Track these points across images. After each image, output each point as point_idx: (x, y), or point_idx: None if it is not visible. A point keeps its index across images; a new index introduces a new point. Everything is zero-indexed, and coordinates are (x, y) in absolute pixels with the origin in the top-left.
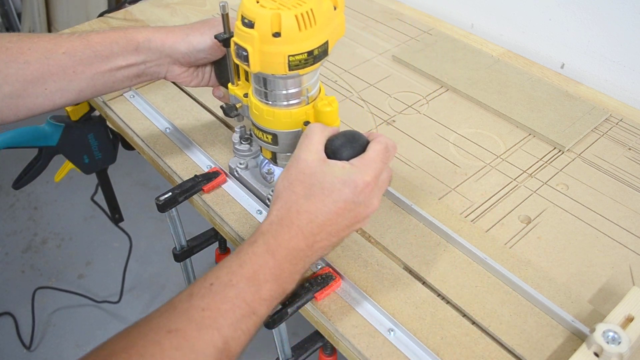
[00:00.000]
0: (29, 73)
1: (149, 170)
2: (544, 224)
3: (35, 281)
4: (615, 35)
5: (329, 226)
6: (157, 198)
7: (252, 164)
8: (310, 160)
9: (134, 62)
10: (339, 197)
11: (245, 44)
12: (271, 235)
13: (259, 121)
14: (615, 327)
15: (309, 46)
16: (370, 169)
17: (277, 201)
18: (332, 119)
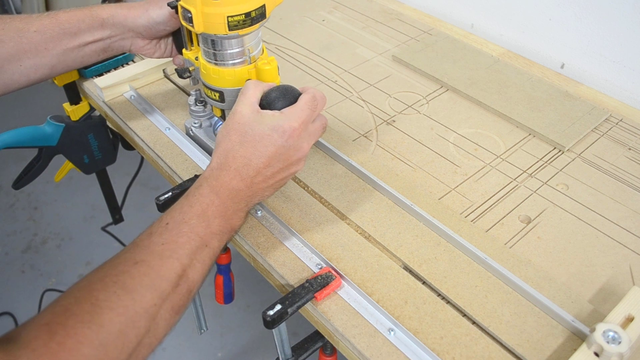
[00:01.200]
0: (4, 51)
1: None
2: (544, 224)
3: (35, 281)
4: (615, 35)
5: (264, 169)
6: (157, 198)
7: (205, 124)
8: (244, 112)
9: (100, 38)
10: (269, 142)
11: (189, 6)
12: (213, 179)
13: (207, 80)
14: (616, 326)
15: (247, 8)
16: (298, 115)
17: (216, 149)
18: (272, 76)
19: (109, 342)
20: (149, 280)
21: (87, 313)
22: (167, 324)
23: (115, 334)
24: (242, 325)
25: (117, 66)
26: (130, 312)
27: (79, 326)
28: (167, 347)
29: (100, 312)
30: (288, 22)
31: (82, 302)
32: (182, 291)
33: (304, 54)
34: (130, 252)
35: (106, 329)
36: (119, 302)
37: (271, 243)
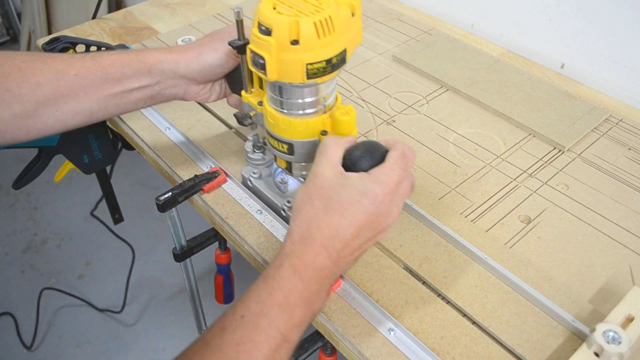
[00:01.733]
0: (40, 94)
1: (149, 170)
2: (544, 224)
3: (35, 281)
4: (615, 35)
5: (352, 240)
6: (157, 198)
7: (265, 172)
8: (327, 175)
9: (146, 84)
10: (358, 209)
11: (262, 52)
12: (295, 256)
13: (274, 130)
14: (616, 327)
15: (328, 54)
16: (389, 177)
17: (297, 217)
18: (349, 128)
19: None
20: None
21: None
22: None
23: None
24: None
25: None
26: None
27: None
28: (167, 347)
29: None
30: None
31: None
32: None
33: None
34: (199, 354)
35: None
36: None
37: (271, 243)
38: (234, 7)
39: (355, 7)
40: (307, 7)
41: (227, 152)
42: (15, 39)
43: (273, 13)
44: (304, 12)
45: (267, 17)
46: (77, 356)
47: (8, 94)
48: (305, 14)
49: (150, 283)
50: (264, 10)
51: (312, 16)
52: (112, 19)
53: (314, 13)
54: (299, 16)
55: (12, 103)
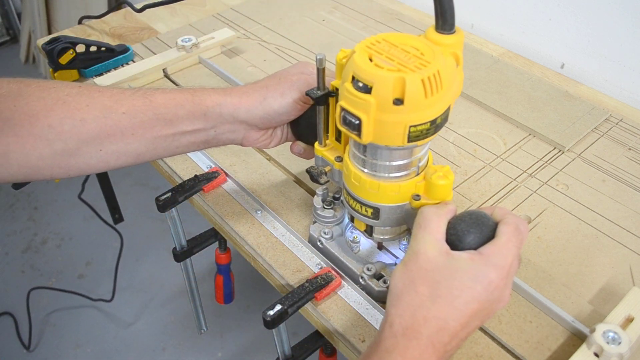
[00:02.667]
0: (84, 132)
1: (149, 170)
2: (544, 224)
3: (35, 281)
4: (615, 35)
5: (461, 332)
6: (157, 198)
7: (336, 232)
8: (431, 254)
9: (201, 128)
10: (471, 297)
11: (358, 112)
12: (398, 354)
13: (359, 193)
14: (616, 327)
15: (433, 114)
16: (504, 259)
17: (397, 303)
18: (445, 193)
19: None
20: None
21: None
22: None
23: None
24: (242, 325)
25: (117, 66)
26: None
27: None
28: (167, 347)
29: None
30: (288, 22)
31: None
32: None
33: (304, 54)
34: None
35: None
36: None
37: (271, 243)
38: (234, 7)
39: (459, 56)
40: (410, 59)
41: (228, 152)
42: (15, 39)
43: (373, 67)
44: (407, 66)
45: (366, 71)
46: (77, 356)
47: (49, 130)
48: (409, 69)
49: (150, 283)
50: (361, 64)
51: (418, 72)
52: (112, 19)
53: (420, 68)
54: (403, 71)
55: (54, 140)
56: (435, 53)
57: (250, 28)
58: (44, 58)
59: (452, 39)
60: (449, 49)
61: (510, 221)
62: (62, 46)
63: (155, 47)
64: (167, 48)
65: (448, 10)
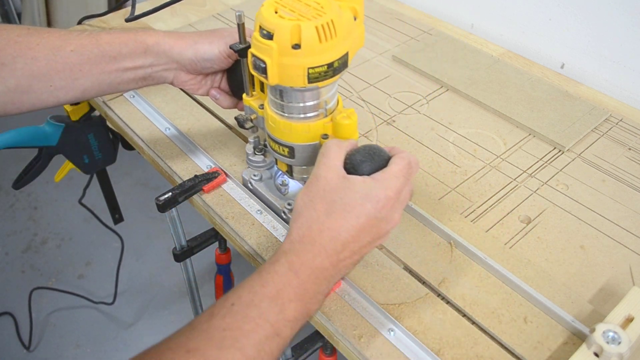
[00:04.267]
0: (35, 69)
1: (149, 170)
2: (544, 224)
3: (35, 281)
4: (615, 35)
5: (352, 243)
6: (157, 198)
7: (266, 175)
8: (329, 178)
9: (141, 65)
10: (361, 213)
11: (263, 56)
12: (294, 254)
13: (275, 134)
14: (615, 327)
15: (329, 58)
16: (392, 183)
17: (297, 219)
18: (350, 131)
19: None
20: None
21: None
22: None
23: None
24: None
25: None
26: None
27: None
28: None
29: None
30: None
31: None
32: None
33: None
34: (185, 335)
35: None
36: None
37: (271, 243)
38: (234, 7)
39: (357, 10)
40: (309, 11)
41: (228, 152)
42: None
43: (275, 17)
44: (305, 16)
45: (268, 21)
46: (77, 356)
47: (2, 68)
48: (307, 18)
49: (150, 283)
50: (265, 14)
51: (314, 20)
52: (112, 19)
53: (316, 17)
54: (301, 20)
55: (7, 77)
56: (332, 6)
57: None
58: None
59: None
60: (348, 4)
61: (404, 156)
62: None
63: None
64: None
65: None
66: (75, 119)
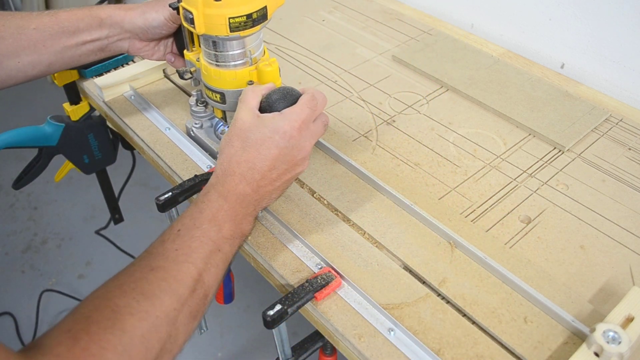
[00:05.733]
0: (3, 47)
1: (149, 170)
2: (544, 224)
3: (35, 281)
4: (615, 35)
5: (268, 172)
6: (157, 198)
7: (207, 124)
8: (245, 118)
9: (97, 37)
10: (271, 144)
11: (190, 7)
12: (220, 185)
13: (208, 81)
14: (616, 327)
15: (248, 9)
16: (297, 115)
17: (220, 156)
18: (273, 77)
19: (132, 347)
20: (167, 285)
21: (108, 319)
22: (186, 329)
23: (138, 339)
24: (242, 325)
25: (117, 66)
26: (151, 317)
27: (101, 332)
28: None
29: (122, 318)
30: (288, 22)
31: (102, 309)
32: (199, 296)
33: (304, 54)
34: (145, 259)
35: (128, 334)
36: (139, 307)
37: (271, 243)
38: None
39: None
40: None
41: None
42: None
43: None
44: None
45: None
46: None
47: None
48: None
49: None
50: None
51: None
52: None
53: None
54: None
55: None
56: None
57: None
58: None
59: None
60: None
61: (309, 91)
62: None
63: None
64: None
65: None
66: (75, 119)
